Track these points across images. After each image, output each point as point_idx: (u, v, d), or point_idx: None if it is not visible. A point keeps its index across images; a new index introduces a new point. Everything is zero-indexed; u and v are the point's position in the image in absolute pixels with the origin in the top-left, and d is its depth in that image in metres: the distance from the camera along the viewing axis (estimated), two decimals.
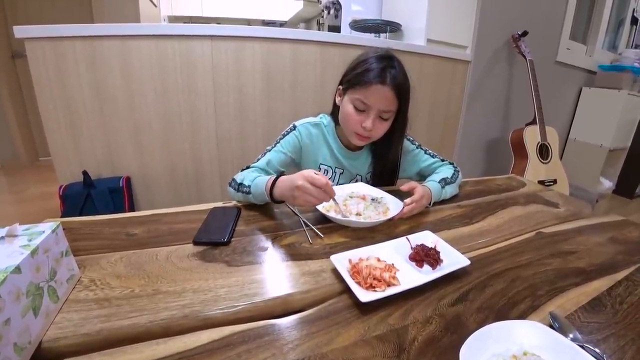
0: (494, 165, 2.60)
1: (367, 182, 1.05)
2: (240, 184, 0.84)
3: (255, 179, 0.81)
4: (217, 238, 0.68)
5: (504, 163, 2.46)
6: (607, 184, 3.14)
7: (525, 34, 2.20)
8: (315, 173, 0.68)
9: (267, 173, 0.91)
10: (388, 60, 0.87)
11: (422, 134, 2.05)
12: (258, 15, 4.94)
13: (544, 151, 2.29)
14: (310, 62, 1.56)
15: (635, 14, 3.31)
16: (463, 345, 0.42)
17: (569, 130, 3.14)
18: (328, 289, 0.55)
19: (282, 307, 0.51)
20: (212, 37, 1.40)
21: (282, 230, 0.74)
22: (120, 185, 1.40)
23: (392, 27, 1.89)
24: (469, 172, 1.43)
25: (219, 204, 0.85)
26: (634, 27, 3.37)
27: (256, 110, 1.53)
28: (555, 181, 2.31)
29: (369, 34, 2.04)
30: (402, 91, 0.88)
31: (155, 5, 3.91)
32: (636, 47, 3.36)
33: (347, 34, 2.02)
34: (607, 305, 0.59)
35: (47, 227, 0.50)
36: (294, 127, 1.00)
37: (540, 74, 2.27)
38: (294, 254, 0.65)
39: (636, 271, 0.72)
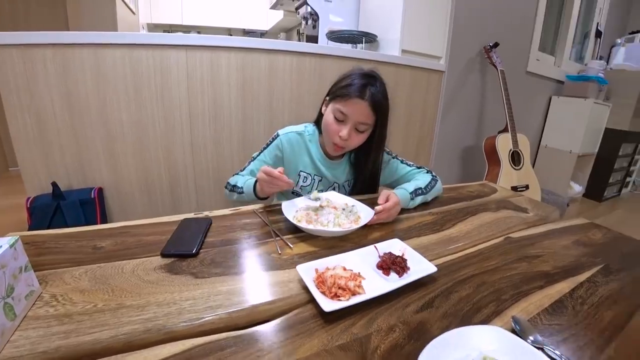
0: (470, 172, 2.66)
1: (346, 190, 1.10)
2: (235, 185, 1.00)
3: (247, 181, 0.98)
4: (185, 250, 0.67)
5: (478, 169, 2.53)
6: (578, 189, 3.26)
7: (496, 45, 2.29)
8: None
9: None
10: (370, 79, 0.94)
11: (399, 142, 2.09)
12: (239, 24, 4.95)
13: (516, 158, 2.37)
14: (286, 71, 1.57)
15: (599, 27, 3.48)
16: (421, 354, 0.42)
17: (541, 137, 3.26)
18: (294, 300, 0.55)
19: (246, 319, 0.51)
20: (187, 46, 1.39)
21: (253, 241, 0.74)
22: (92, 196, 1.37)
23: (368, 38, 1.93)
24: (445, 178, 1.46)
25: (190, 215, 0.84)
26: (598, 39, 3.55)
27: (231, 119, 1.53)
28: (527, 187, 2.38)
29: (346, 44, 2.07)
30: (379, 108, 0.94)
31: (134, 13, 3.86)
32: (600, 58, 3.53)
33: (323, 45, 2.05)
34: (568, 307, 0.61)
35: (4, 241, 0.48)
36: (277, 135, 1.05)
37: (511, 83, 2.35)
38: (262, 265, 0.65)
39: (598, 272, 0.75)
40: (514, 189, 2.27)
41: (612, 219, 3.03)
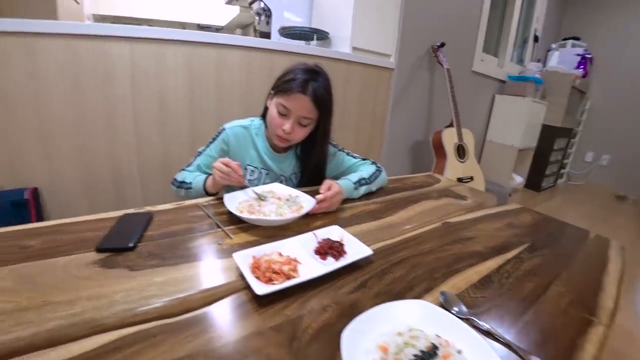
0: (419, 166, 2.78)
1: (293, 183, 1.11)
2: (182, 181, 1.00)
3: (197, 177, 0.99)
4: (122, 244, 0.65)
5: (427, 163, 2.65)
6: (519, 180, 3.52)
7: (443, 45, 2.41)
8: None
9: None
10: (312, 74, 0.95)
11: (351, 137, 2.14)
12: (193, 19, 4.77)
13: (461, 151, 2.51)
14: (235, 66, 1.55)
15: (536, 33, 3.78)
16: (346, 328, 0.44)
17: (486, 133, 3.48)
18: (230, 287, 0.56)
19: (181, 308, 0.50)
20: (131, 38, 1.33)
21: (193, 233, 0.73)
22: (25, 197, 1.27)
23: (319, 35, 1.96)
24: (396, 172, 1.52)
25: (131, 211, 0.82)
26: (536, 44, 3.85)
27: (179, 114, 1.48)
28: (472, 178, 2.54)
29: (298, 41, 2.08)
30: (321, 103, 0.96)
31: (78, 2, 3.61)
32: (538, 61, 3.84)
33: (275, 40, 2.05)
34: (495, 281, 0.67)
35: None
36: (223, 129, 1.05)
37: (458, 81, 2.49)
38: (201, 255, 0.65)
39: (524, 250, 0.82)
40: (460, 180, 2.40)
41: (549, 206, 3.31)
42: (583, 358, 0.49)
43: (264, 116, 1.08)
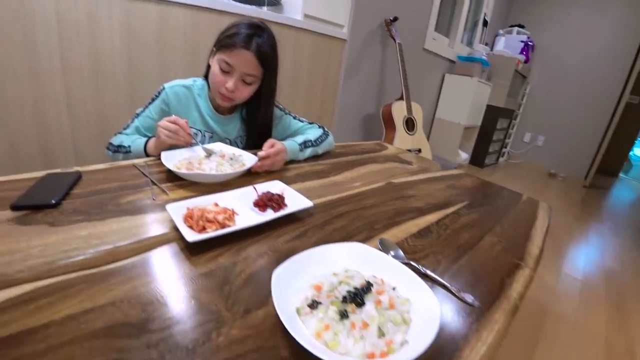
0: (371, 138, 2.83)
1: (238, 147, 1.06)
2: (120, 145, 0.92)
3: (136, 140, 0.92)
4: (43, 201, 0.59)
5: (378, 136, 2.70)
6: (464, 156, 3.73)
7: (395, 19, 2.42)
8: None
9: None
10: (256, 29, 0.91)
11: (302, 107, 2.11)
12: None
13: (410, 124, 2.58)
14: (179, 26, 1.44)
15: (486, 18, 3.93)
16: (278, 267, 0.44)
17: (435, 110, 3.62)
18: (162, 238, 0.53)
19: (107, 259, 0.47)
20: None
21: (126, 191, 0.68)
22: None
23: (271, 0, 1.88)
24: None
25: (56, 170, 0.74)
26: (485, 28, 4.01)
27: (116, 73, 1.36)
28: (420, 150, 2.64)
29: (250, 5, 1.98)
30: (265, 59, 0.92)
31: None
32: (486, 44, 4.02)
33: (224, 0, 1.94)
34: (433, 232, 0.70)
35: None
36: (163, 89, 0.98)
37: (410, 58, 2.53)
38: (133, 210, 0.61)
39: (463, 207, 0.87)
40: (408, 152, 2.49)
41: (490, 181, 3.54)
42: (510, 295, 0.54)
43: (206, 77, 1.02)
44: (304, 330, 0.39)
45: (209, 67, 0.98)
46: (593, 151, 4.08)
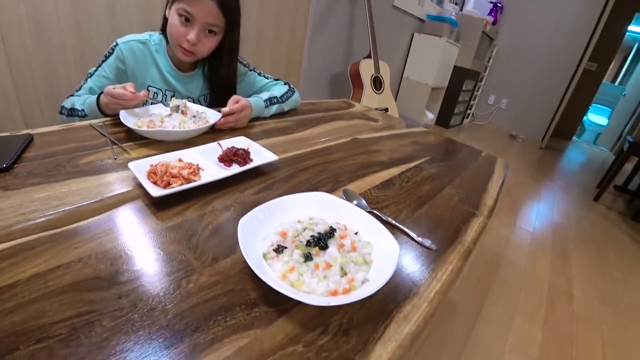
0: (338, 97, 2.81)
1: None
2: (72, 108, 0.85)
3: (87, 100, 0.84)
4: None
5: (346, 95, 2.69)
6: (431, 116, 3.81)
7: None
8: None
9: None
10: None
11: (268, 62, 2.05)
12: None
13: (377, 83, 2.58)
14: None
15: None
16: (244, 216, 0.45)
17: (403, 70, 3.61)
18: (126, 195, 0.53)
19: (70, 219, 0.46)
20: None
21: (84, 152, 0.66)
22: None
23: None
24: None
25: (5, 134, 0.70)
26: None
27: (62, 33, 1.24)
28: (387, 110, 2.66)
29: None
30: (229, 9, 0.86)
31: None
32: (456, 4, 3.98)
33: None
34: (395, 184, 0.74)
35: None
36: (116, 45, 0.90)
37: (378, 15, 2.47)
38: (93, 170, 0.59)
39: (425, 162, 0.91)
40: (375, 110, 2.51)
41: None
42: (465, 239, 0.59)
43: (163, 30, 0.95)
44: (270, 273, 0.41)
45: (165, 19, 0.91)
46: (551, 115, 4.28)
